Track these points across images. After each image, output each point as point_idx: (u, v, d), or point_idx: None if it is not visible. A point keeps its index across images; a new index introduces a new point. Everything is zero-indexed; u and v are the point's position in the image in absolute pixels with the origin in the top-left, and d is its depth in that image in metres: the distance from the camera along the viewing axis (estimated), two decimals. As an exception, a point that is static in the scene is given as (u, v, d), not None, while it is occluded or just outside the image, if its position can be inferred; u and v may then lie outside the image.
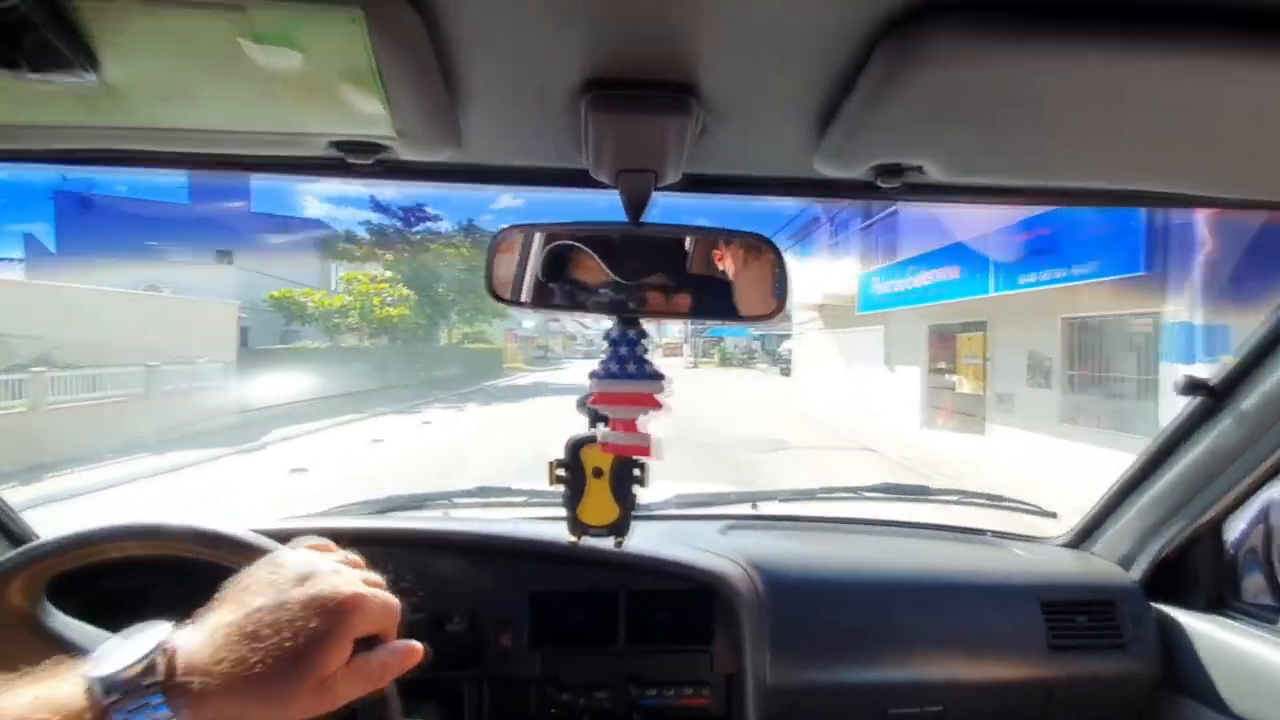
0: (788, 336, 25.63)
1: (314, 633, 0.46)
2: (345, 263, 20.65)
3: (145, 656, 0.42)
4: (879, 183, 0.65)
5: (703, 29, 0.46)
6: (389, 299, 18.44)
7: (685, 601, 1.06)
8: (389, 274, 19.41)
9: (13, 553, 0.67)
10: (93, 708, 0.40)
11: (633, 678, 1.04)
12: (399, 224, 21.87)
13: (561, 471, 0.73)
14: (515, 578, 1.06)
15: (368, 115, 0.52)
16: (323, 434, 10.90)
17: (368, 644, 0.48)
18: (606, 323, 0.70)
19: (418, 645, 0.51)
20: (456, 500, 1.32)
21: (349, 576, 0.50)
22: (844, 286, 14.50)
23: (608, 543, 0.75)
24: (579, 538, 0.75)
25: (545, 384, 23.58)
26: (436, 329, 23.15)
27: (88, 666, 0.42)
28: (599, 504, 0.73)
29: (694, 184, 0.71)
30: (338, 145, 0.59)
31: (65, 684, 0.41)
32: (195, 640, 0.44)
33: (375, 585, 0.51)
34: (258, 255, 21.30)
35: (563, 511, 0.75)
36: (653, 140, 0.57)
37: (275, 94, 0.50)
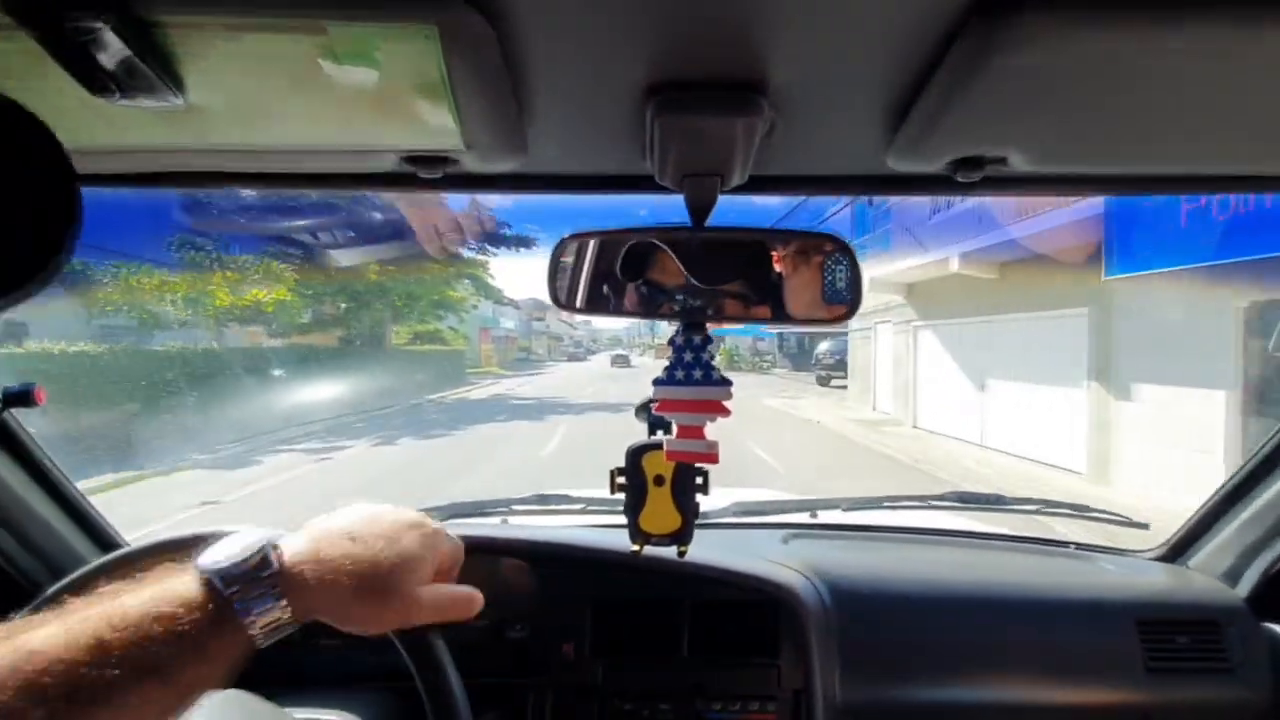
0: (832, 334, 19.68)
1: (408, 548, 0.50)
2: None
3: (258, 551, 0.45)
4: (958, 177, 0.62)
5: (774, 24, 0.44)
6: (253, 278, 12.31)
7: (749, 613, 1.03)
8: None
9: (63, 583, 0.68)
10: (214, 599, 0.42)
11: (697, 689, 1.01)
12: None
13: (622, 479, 0.73)
14: (577, 586, 1.05)
15: (438, 128, 0.54)
16: None
17: None
18: (605, 323, 0.61)
19: (479, 594, 0.55)
20: (515, 507, 1.32)
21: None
22: (993, 246, 8.33)
23: (670, 552, 0.75)
24: (641, 546, 0.74)
25: (506, 398, 18.35)
26: (357, 322, 16.96)
27: (204, 561, 0.44)
28: (661, 512, 0.73)
29: (759, 185, 0.69)
30: (407, 159, 0.60)
31: (184, 579, 0.43)
32: (299, 540, 0.48)
33: None
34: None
35: (622, 518, 0.74)
36: (720, 143, 0.56)
37: (350, 111, 0.51)
